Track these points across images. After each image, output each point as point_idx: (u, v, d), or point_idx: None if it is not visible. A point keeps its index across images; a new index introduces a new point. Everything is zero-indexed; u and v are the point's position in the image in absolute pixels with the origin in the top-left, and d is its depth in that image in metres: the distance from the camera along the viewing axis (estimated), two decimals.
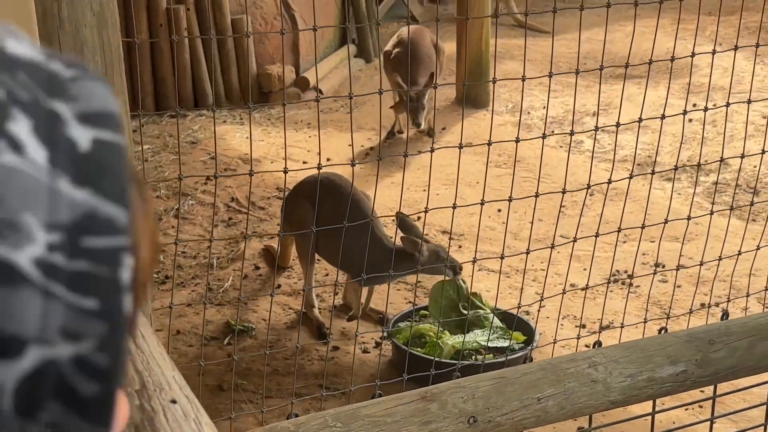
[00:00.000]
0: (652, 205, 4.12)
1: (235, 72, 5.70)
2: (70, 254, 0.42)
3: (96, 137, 0.44)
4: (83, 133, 0.44)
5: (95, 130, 0.45)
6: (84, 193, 0.43)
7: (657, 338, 2.06)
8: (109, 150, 0.45)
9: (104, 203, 0.43)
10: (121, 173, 0.45)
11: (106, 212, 0.43)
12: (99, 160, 0.44)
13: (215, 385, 3.04)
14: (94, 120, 0.45)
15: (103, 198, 0.43)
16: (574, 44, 7.09)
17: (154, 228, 0.51)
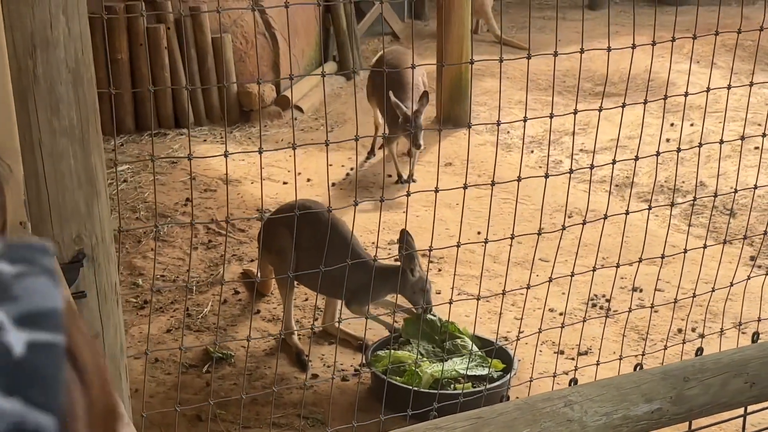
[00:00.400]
0: (630, 227, 4.16)
1: (215, 90, 5.69)
2: None
3: (31, 340, 0.45)
4: (19, 337, 0.45)
5: (31, 332, 0.46)
6: (13, 403, 0.44)
7: (632, 375, 2.08)
8: (41, 353, 0.45)
9: (32, 412, 0.44)
10: (52, 377, 0.46)
11: (33, 421, 0.44)
12: (31, 366, 0.45)
13: (193, 415, 3.03)
14: (31, 321, 0.46)
15: (31, 407, 0.44)
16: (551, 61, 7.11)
17: (103, 364, 0.52)
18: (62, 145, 1.40)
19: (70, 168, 1.42)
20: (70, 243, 1.45)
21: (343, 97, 6.24)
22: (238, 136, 5.60)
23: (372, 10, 7.02)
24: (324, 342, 3.50)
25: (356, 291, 3.20)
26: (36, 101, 1.37)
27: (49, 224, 1.43)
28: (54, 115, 1.39)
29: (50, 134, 1.39)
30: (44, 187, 1.41)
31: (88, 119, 1.42)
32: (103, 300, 1.53)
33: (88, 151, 1.43)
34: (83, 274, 1.48)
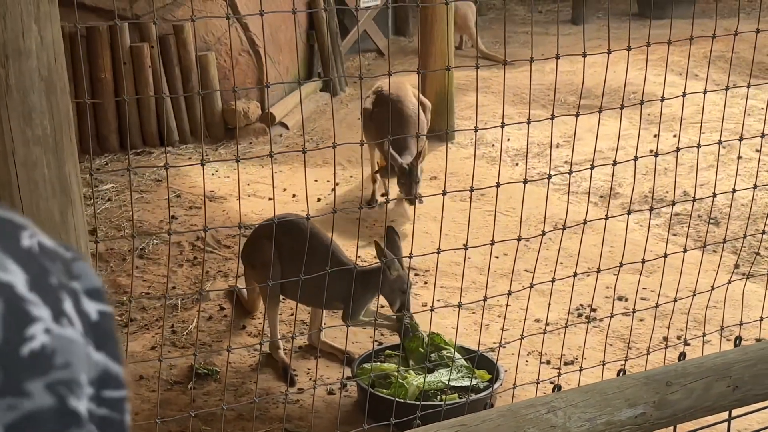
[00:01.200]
0: (615, 237, 4.17)
1: (200, 108, 5.70)
2: (97, 403, 0.56)
3: (99, 309, 0.58)
4: (91, 306, 0.57)
5: (97, 303, 0.58)
6: (101, 356, 0.57)
7: (615, 381, 2.08)
8: (108, 319, 0.58)
9: (112, 363, 0.57)
10: (117, 338, 0.58)
11: (114, 370, 0.57)
12: (105, 329, 0.57)
13: (179, 431, 3.00)
14: (94, 295, 0.58)
15: (111, 359, 0.57)
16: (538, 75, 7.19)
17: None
18: (35, 154, 1.40)
19: (43, 177, 1.41)
20: None
21: (327, 113, 6.25)
22: (223, 153, 5.60)
23: (356, 27, 7.05)
24: (310, 356, 3.49)
25: (347, 301, 3.20)
26: (9, 110, 1.37)
27: None
28: (27, 125, 1.38)
29: (23, 143, 1.39)
30: (18, 196, 1.40)
31: (61, 128, 1.42)
32: None
33: (62, 160, 1.43)
34: None
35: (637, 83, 5.75)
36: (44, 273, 0.55)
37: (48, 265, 0.55)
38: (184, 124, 5.66)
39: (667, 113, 5.94)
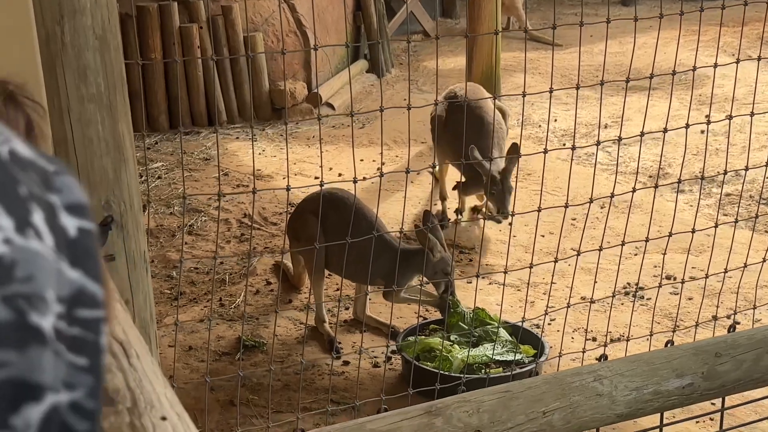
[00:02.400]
0: (664, 218, 4.11)
1: (248, 89, 5.75)
2: (68, 322, 0.53)
3: (80, 225, 0.55)
4: (70, 222, 0.54)
5: (78, 219, 0.55)
6: (77, 273, 0.54)
7: (663, 351, 2.06)
8: (89, 237, 0.55)
9: (90, 282, 0.54)
10: (98, 257, 0.56)
11: (91, 290, 0.54)
12: (84, 246, 0.55)
13: (226, 400, 3.05)
14: (75, 210, 0.55)
15: (89, 278, 0.54)
16: (587, 57, 7.09)
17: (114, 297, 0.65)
18: (90, 111, 1.43)
19: (98, 134, 1.45)
20: (99, 209, 1.48)
21: (374, 94, 6.26)
22: (270, 133, 5.64)
23: (402, 9, 7.04)
24: (355, 330, 3.52)
25: (388, 277, 3.21)
26: (64, 67, 1.40)
27: None
28: (81, 82, 1.41)
29: (78, 101, 1.42)
30: (73, 153, 1.44)
31: (115, 86, 1.45)
32: (132, 267, 1.55)
33: (115, 117, 1.46)
34: (112, 241, 1.51)
35: (687, 64, 5.65)
36: (11, 182, 0.52)
37: (18, 174, 0.53)
38: (232, 105, 5.72)
39: (719, 94, 5.83)
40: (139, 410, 0.83)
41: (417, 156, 5.25)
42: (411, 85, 6.57)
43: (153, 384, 0.87)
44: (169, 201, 4.63)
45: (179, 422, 0.82)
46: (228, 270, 4.01)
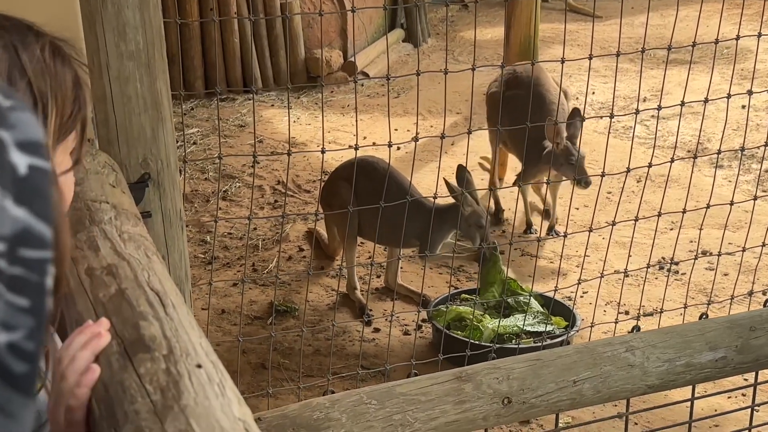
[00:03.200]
0: (701, 193, 4.06)
1: (283, 56, 5.75)
2: (9, 261, 0.51)
3: (31, 164, 0.53)
4: (21, 159, 0.53)
5: (30, 157, 0.53)
6: (22, 211, 0.52)
7: (696, 324, 2.04)
8: (41, 175, 0.53)
9: (37, 222, 0.52)
10: (50, 197, 0.54)
11: (38, 229, 0.52)
12: (34, 184, 0.53)
13: (258, 363, 3.09)
14: (28, 148, 0.53)
15: (36, 217, 0.52)
16: (626, 29, 6.96)
17: (70, 243, 0.62)
18: (129, 69, 1.44)
19: (136, 92, 1.46)
20: (136, 166, 1.49)
21: (410, 64, 6.23)
22: (305, 101, 5.64)
23: None
24: (386, 298, 3.53)
25: (422, 238, 3.22)
26: (104, 24, 1.41)
27: (116, 146, 1.48)
28: (121, 39, 1.42)
29: (117, 58, 1.43)
30: (111, 110, 1.45)
31: (153, 44, 1.46)
32: (168, 225, 1.57)
33: (153, 75, 1.47)
34: (149, 198, 1.52)
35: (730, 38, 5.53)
36: None
37: None
38: (267, 72, 5.72)
39: (761, 69, 5.71)
40: (175, 358, 0.84)
41: (452, 126, 5.22)
42: (447, 56, 6.53)
43: (188, 333, 0.89)
44: (203, 166, 4.66)
45: (214, 370, 0.83)
46: (261, 236, 4.04)
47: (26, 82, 0.91)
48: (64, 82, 0.94)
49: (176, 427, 0.74)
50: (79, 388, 0.85)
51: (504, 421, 1.86)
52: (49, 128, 0.92)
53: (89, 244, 1.07)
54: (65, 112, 0.94)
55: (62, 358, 0.88)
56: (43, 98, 0.92)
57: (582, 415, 2.64)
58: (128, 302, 0.94)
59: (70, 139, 0.97)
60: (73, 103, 0.95)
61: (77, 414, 0.86)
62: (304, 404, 1.73)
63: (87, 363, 0.86)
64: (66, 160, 0.98)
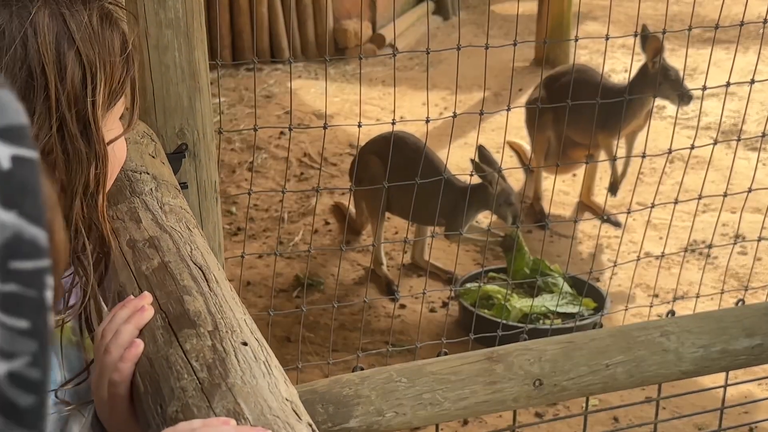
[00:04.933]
0: (736, 175, 3.99)
1: (311, 27, 5.70)
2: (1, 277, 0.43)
3: (14, 154, 0.44)
4: (2, 150, 0.44)
5: (13, 146, 0.45)
6: (11, 216, 0.44)
7: (733, 310, 2.01)
8: (27, 167, 0.45)
9: (28, 226, 0.44)
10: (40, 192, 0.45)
11: (30, 235, 0.44)
12: (20, 180, 0.44)
13: (283, 336, 3.09)
14: (10, 135, 0.45)
15: (27, 220, 0.44)
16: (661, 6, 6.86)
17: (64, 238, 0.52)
18: (167, 38, 1.42)
19: (174, 61, 1.43)
20: (173, 136, 1.47)
21: (439, 37, 6.16)
22: (332, 73, 5.60)
23: None
24: (413, 275, 3.51)
25: (450, 216, 3.19)
26: None
27: (153, 115, 1.45)
28: (160, 6, 1.40)
29: (156, 25, 1.41)
30: (149, 79, 1.43)
31: (193, 12, 1.43)
32: (203, 196, 1.55)
33: (192, 45, 1.44)
34: (185, 169, 1.50)
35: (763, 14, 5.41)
36: None
37: None
38: (295, 42, 5.68)
39: None
40: (221, 334, 0.82)
41: (478, 103, 5.17)
42: (477, 30, 6.45)
43: (233, 309, 0.87)
44: (230, 136, 4.65)
45: (260, 348, 0.81)
46: (287, 208, 4.03)
47: (75, 51, 0.89)
48: (113, 49, 0.92)
49: (224, 406, 0.72)
50: (122, 363, 0.84)
51: (535, 403, 1.84)
52: (98, 97, 0.90)
53: (130, 216, 1.05)
54: (114, 79, 0.92)
55: (105, 332, 0.87)
56: (92, 67, 0.90)
57: (610, 399, 2.62)
58: (171, 276, 0.92)
59: (119, 104, 0.95)
60: (122, 68, 0.93)
61: (120, 388, 0.84)
62: (333, 380, 1.72)
63: (131, 337, 0.85)
64: (117, 127, 0.97)
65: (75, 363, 0.95)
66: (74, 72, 0.88)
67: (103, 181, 0.93)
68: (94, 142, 0.91)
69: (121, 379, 0.84)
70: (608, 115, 3.43)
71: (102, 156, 0.92)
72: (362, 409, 1.68)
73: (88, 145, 0.90)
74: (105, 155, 0.93)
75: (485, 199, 3.18)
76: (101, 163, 0.92)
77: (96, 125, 0.91)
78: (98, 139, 0.91)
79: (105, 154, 0.93)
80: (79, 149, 0.90)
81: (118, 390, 0.85)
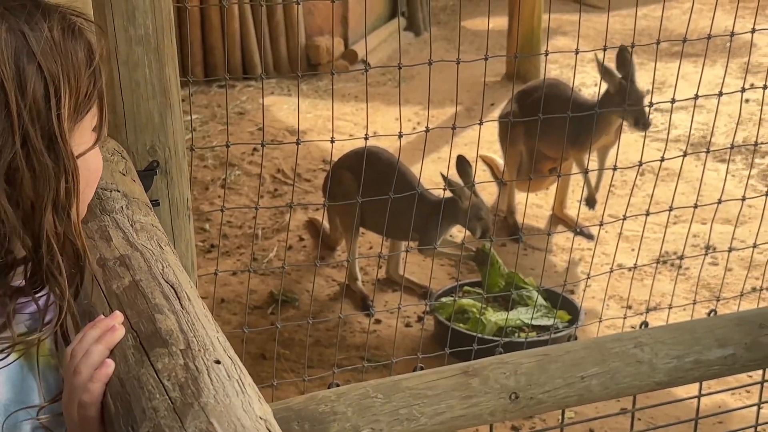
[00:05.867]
0: (705, 187, 4.03)
1: (283, 43, 5.70)
2: None
3: None
4: None
5: None
6: None
7: (706, 320, 2.02)
8: None
9: None
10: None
11: None
12: None
13: (258, 353, 3.07)
14: None
15: None
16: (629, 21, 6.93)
17: None
18: (137, 54, 1.41)
19: (145, 77, 1.42)
20: (144, 153, 1.46)
21: (411, 53, 6.19)
22: (305, 89, 5.60)
23: None
24: (388, 289, 3.50)
25: (423, 230, 3.19)
26: (113, 7, 1.37)
27: (123, 133, 1.44)
28: (130, 23, 1.39)
29: (126, 42, 1.40)
30: (119, 96, 1.42)
31: (163, 29, 1.42)
32: (175, 214, 1.54)
33: (162, 61, 1.43)
34: (157, 186, 1.49)
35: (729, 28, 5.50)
36: None
37: None
38: (267, 58, 5.68)
39: (763, 62, 5.69)
40: (193, 353, 0.81)
41: (450, 118, 5.19)
42: (449, 45, 6.48)
43: (205, 327, 0.86)
44: (203, 153, 4.63)
45: (233, 366, 0.81)
46: (261, 225, 4.01)
47: (35, 65, 0.87)
48: (77, 60, 0.90)
49: (197, 426, 0.71)
50: (92, 383, 0.83)
51: (511, 416, 1.84)
52: (63, 110, 0.89)
53: (101, 234, 1.04)
54: (81, 91, 0.90)
55: (75, 352, 0.85)
56: (55, 80, 0.88)
57: (586, 410, 2.62)
58: (143, 294, 0.91)
59: (88, 117, 0.94)
60: (89, 80, 0.91)
61: (91, 410, 0.83)
62: (309, 397, 1.71)
63: (101, 357, 0.84)
64: (87, 139, 0.95)
65: (53, 384, 0.94)
66: (35, 86, 0.87)
67: (76, 194, 0.91)
68: (62, 156, 0.89)
69: (92, 401, 0.83)
70: (579, 131, 3.46)
71: (72, 170, 0.90)
72: (338, 425, 1.67)
73: (55, 159, 0.89)
74: (75, 169, 0.91)
75: (456, 213, 3.20)
76: (71, 177, 0.90)
77: (63, 139, 0.89)
78: (66, 153, 0.90)
79: (75, 167, 0.91)
80: (46, 164, 0.88)
81: (89, 412, 0.83)
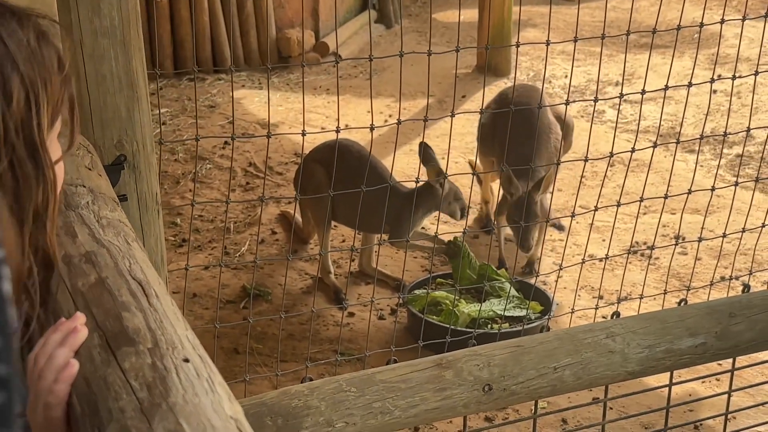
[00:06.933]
0: (675, 177, 4.07)
1: (254, 36, 5.65)
2: None
3: None
4: None
5: None
6: None
7: (676, 310, 2.04)
8: None
9: None
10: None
11: None
12: None
13: (231, 348, 3.05)
14: None
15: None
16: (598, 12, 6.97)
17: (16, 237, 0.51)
18: (103, 47, 1.38)
19: (111, 71, 1.40)
20: (111, 147, 1.44)
21: (382, 45, 6.17)
22: (276, 82, 5.57)
23: None
24: (361, 282, 3.50)
25: (395, 223, 3.19)
26: (78, 2, 1.35)
27: (90, 127, 1.42)
28: (95, 15, 1.36)
29: (91, 34, 1.37)
30: (85, 89, 1.39)
31: (129, 21, 1.40)
32: (144, 209, 1.52)
33: (129, 54, 1.41)
34: (124, 181, 1.47)
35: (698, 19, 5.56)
36: None
37: None
38: (238, 51, 5.63)
39: (730, 54, 5.75)
40: (161, 351, 0.80)
41: (422, 110, 5.19)
42: (420, 37, 6.47)
43: (174, 325, 0.84)
44: (173, 147, 4.58)
45: (202, 365, 0.79)
46: (233, 218, 3.98)
47: (17, 73, 0.84)
48: (51, 66, 0.88)
49: (165, 427, 0.70)
50: (57, 384, 0.81)
51: (485, 408, 1.84)
52: (42, 119, 0.86)
53: (66, 230, 1.02)
54: (55, 97, 0.88)
55: (38, 357, 0.83)
56: (35, 88, 0.86)
57: (559, 401, 2.64)
58: (109, 292, 0.89)
59: (58, 123, 0.91)
60: (61, 86, 0.89)
61: (56, 411, 0.81)
62: (282, 392, 1.69)
63: (66, 360, 0.82)
64: (56, 146, 0.92)
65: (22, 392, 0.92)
66: (19, 95, 0.84)
67: (53, 203, 0.89)
68: (42, 165, 0.86)
69: (57, 402, 0.81)
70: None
71: (51, 179, 0.88)
72: (312, 420, 1.66)
73: (36, 168, 0.86)
74: (54, 177, 0.88)
75: (433, 199, 3.19)
76: (49, 187, 0.88)
77: (43, 147, 0.86)
78: (46, 161, 0.87)
79: (54, 176, 0.88)
80: (28, 173, 0.85)
81: (54, 413, 0.81)
